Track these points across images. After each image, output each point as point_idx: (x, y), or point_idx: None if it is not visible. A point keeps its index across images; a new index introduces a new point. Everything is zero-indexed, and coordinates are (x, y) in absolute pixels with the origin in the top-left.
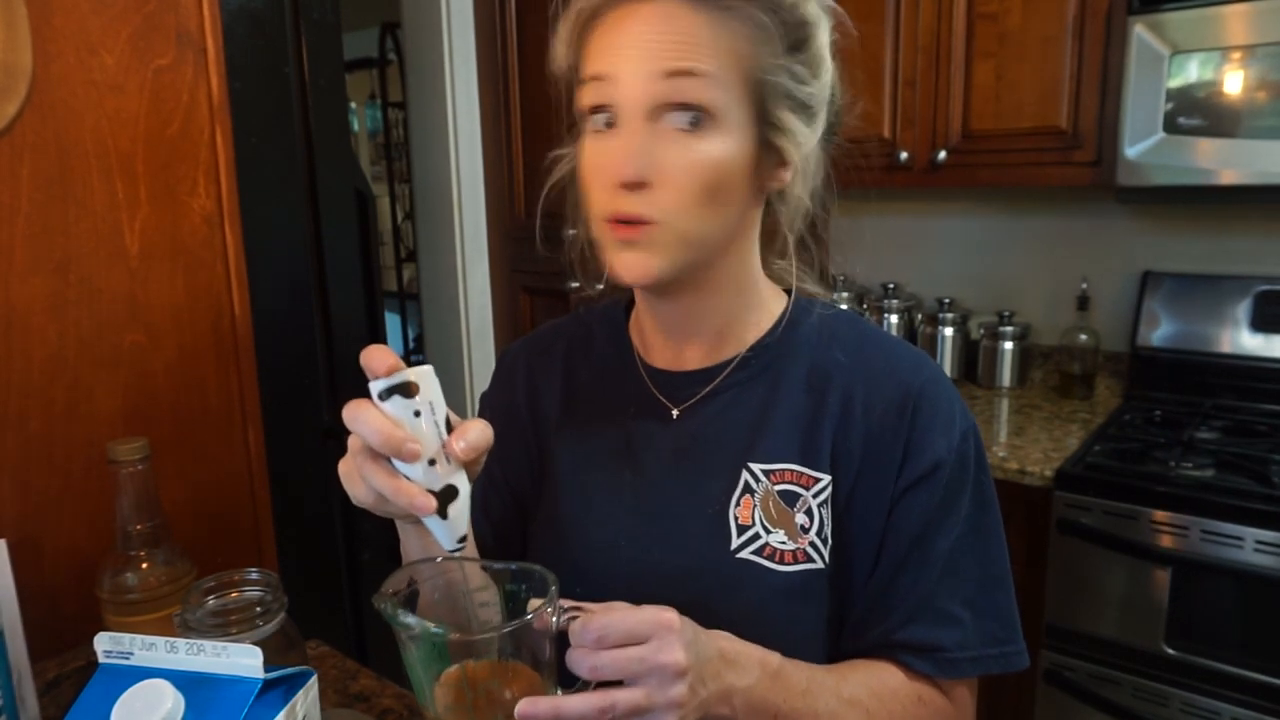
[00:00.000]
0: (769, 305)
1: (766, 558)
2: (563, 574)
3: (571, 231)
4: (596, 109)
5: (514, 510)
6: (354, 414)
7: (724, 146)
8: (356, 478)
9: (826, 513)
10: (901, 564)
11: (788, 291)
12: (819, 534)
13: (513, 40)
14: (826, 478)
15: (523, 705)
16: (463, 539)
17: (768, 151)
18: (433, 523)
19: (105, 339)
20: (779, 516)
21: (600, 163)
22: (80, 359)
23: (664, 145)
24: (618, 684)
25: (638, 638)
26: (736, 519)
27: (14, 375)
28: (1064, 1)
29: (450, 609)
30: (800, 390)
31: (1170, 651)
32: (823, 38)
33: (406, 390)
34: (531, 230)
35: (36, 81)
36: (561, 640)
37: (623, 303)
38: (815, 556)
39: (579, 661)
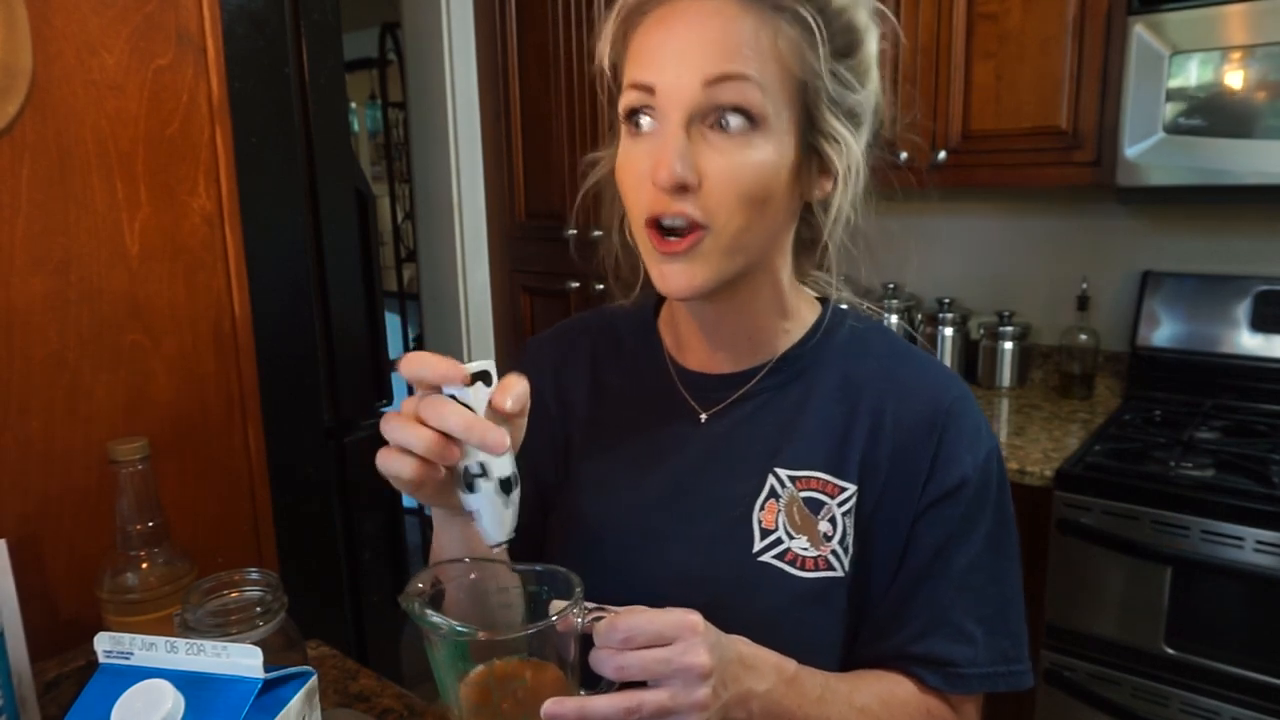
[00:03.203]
0: (802, 313)
1: (788, 563)
2: (582, 571)
3: (598, 233)
4: (637, 110)
5: (536, 501)
6: (435, 409)
7: (768, 152)
8: (393, 454)
9: (849, 522)
10: (920, 578)
11: (821, 300)
12: (840, 543)
13: (513, 40)
14: (852, 488)
15: (549, 705)
16: (513, 532)
17: (811, 159)
18: (489, 506)
19: (105, 339)
20: (802, 523)
21: (638, 164)
22: (80, 359)
23: (707, 149)
24: (641, 685)
25: (663, 639)
26: (760, 522)
27: (14, 375)
28: (1064, 1)
29: (475, 609)
30: (832, 400)
31: (1170, 651)
32: (871, 46)
33: (488, 378)
34: (531, 231)
35: (36, 81)
36: (586, 642)
37: (651, 301)
38: (836, 564)
39: (604, 661)
